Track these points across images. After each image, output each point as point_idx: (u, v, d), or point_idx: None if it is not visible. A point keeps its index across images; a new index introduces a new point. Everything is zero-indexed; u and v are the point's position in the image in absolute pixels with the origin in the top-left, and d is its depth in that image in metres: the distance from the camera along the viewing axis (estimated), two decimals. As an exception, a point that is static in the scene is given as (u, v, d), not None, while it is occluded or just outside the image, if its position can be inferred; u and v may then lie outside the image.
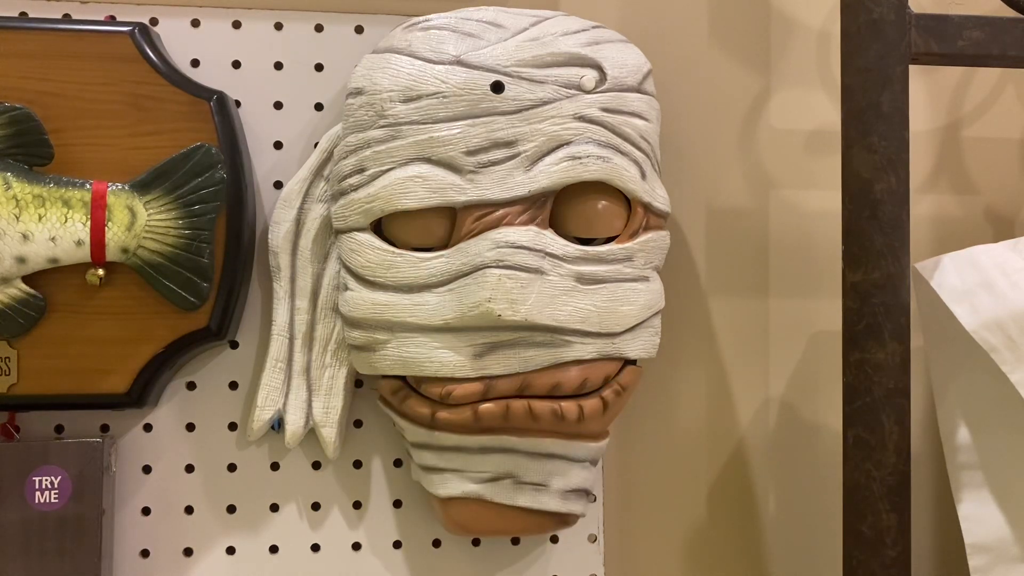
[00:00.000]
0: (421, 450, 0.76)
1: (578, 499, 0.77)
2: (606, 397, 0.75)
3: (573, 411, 0.74)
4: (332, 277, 0.78)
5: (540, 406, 0.73)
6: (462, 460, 0.75)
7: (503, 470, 0.75)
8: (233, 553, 0.80)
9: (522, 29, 0.75)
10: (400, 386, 0.75)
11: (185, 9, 0.81)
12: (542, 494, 0.76)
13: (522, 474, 0.75)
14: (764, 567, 0.87)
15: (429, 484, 0.77)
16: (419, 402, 0.74)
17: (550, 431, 0.74)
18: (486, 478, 0.75)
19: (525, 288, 0.71)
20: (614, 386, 0.76)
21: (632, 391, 0.77)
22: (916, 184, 0.87)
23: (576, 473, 0.76)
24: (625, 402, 0.77)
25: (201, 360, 0.80)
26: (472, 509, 0.76)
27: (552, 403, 0.73)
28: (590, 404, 0.74)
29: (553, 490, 0.76)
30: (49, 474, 0.74)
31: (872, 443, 0.69)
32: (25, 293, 0.73)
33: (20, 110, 0.73)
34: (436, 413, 0.73)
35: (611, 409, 0.76)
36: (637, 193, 0.75)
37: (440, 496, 0.76)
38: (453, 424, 0.73)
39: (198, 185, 0.74)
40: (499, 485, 0.75)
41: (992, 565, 0.73)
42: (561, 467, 0.76)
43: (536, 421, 0.73)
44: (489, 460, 0.75)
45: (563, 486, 0.76)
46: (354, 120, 0.75)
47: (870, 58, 0.70)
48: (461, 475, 0.75)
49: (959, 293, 0.72)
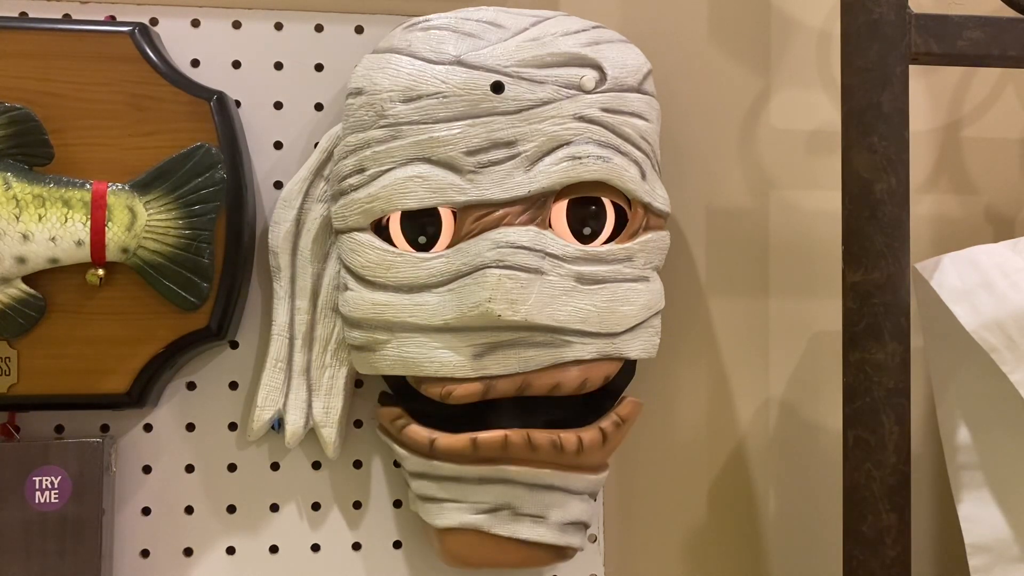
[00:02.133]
0: (419, 479, 0.76)
1: (576, 532, 0.77)
2: (605, 428, 0.75)
3: (572, 442, 0.73)
4: (332, 277, 0.78)
5: (539, 436, 0.72)
6: (460, 490, 0.74)
7: (501, 501, 0.74)
8: (233, 553, 0.80)
9: (522, 29, 0.75)
10: (399, 414, 0.75)
11: (185, 9, 0.81)
12: (540, 526, 0.75)
13: (520, 505, 0.74)
14: (764, 567, 0.87)
15: (427, 514, 0.76)
16: (417, 430, 0.74)
17: (549, 462, 0.74)
18: (484, 509, 0.74)
19: (525, 288, 0.71)
20: (613, 418, 0.75)
21: (631, 424, 0.77)
22: (916, 184, 0.87)
23: (575, 505, 0.76)
24: (625, 434, 0.77)
25: (201, 360, 0.80)
26: (469, 540, 0.75)
27: (551, 434, 0.73)
28: (589, 435, 0.74)
29: (551, 522, 0.75)
30: (49, 474, 0.74)
31: (872, 443, 0.69)
32: (25, 293, 0.73)
33: (20, 110, 0.73)
34: (435, 442, 0.73)
35: (610, 441, 0.75)
36: (637, 193, 0.75)
37: (437, 527, 0.75)
38: (452, 453, 0.73)
39: (198, 185, 0.74)
40: (497, 516, 0.74)
41: (992, 565, 0.73)
42: (559, 499, 0.75)
43: (535, 452, 0.73)
44: (487, 491, 0.74)
45: (561, 518, 0.75)
46: (354, 120, 0.75)
47: (870, 58, 0.70)
48: (459, 505, 0.74)
49: (959, 293, 0.72)
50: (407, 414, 0.75)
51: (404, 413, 0.75)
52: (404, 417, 0.75)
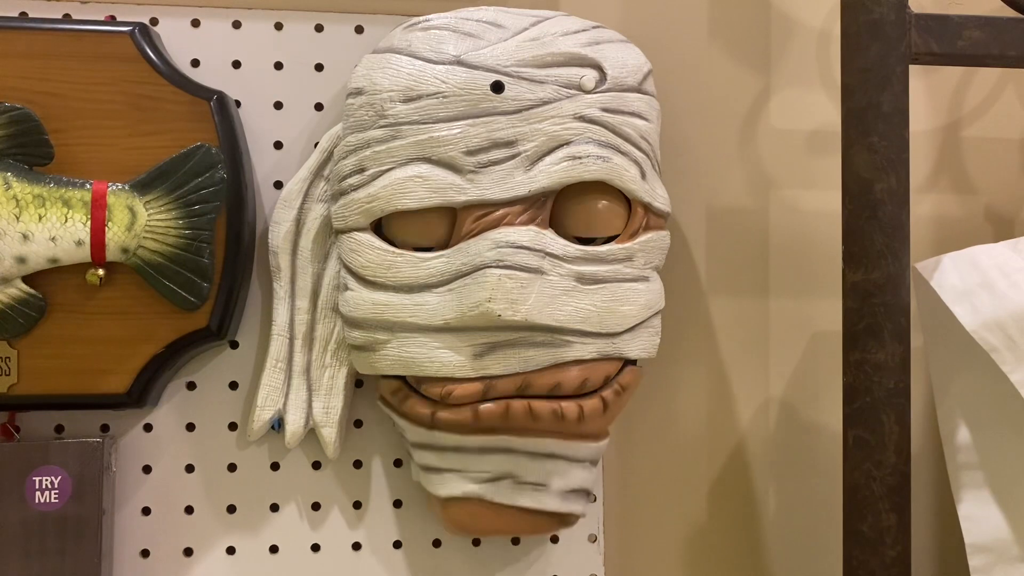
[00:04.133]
0: (421, 450, 0.76)
1: (578, 499, 0.77)
2: (606, 397, 0.75)
3: (573, 411, 0.74)
4: (332, 277, 0.78)
5: (540, 406, 0.73)
6: (462, 460, 0.75)
7: (503, 470, 0.75)
8: (233, 553, 0.80)
9: (522, 29, 0.75)
10: (400, 386, 0.75)
11: (185, 9, 0.81)
12: (542, 494, 0.76)
13: (522, 474, 0.75)
14: (764, 567, 0.87)
15: (429, 484, 0.77)
16: (419, 402, 0.74)
17: (550, 431, 0.74)
18: (486, 478, 0.75)
19: (525, 288, 0.71)
20: (614, 386, 0.76)
21: (632, 391, 0.77)
22: (916, 184, 0.87)
23: (576, 473, 0.76)
24: (625, 402, 0.77)
25: (201, 360, 0.80)
26: (472, 509, 0.75)
27: (552, 403, 0.73)
28: (590, 404, 0.74)
29: (553, 490, 0.76)
30: (49, 474, 0.74)
31: (872, 443, 0.69)
32: (25, 293, 0.73)
33: (20, 110, 0.73)
34: (436, 413, 0.73)
35: (611, 409, 0.76)
36: (637, 193, 0.75)
37: (440, 496, 0.76)
38: (453, 424, 0.73)
39: (198, 185, 0.74)
40: (499, 485, 0.75)
41: (992, 565, 0.73)
42: (561, 467, 0.76)
43: (536, 421, 0.73)
44: (489, 460, 0.75)
45: (563, 486, 0.76)
46: (354, 120, 0.75)
47: (870, 58, 0.70)
48: (461, 475, 0.75)
49: (959, 293, 0.72)
50: (407, 386, 0.75)
51: (404, 385, 0.75)
52: (405, 389, 0.75)
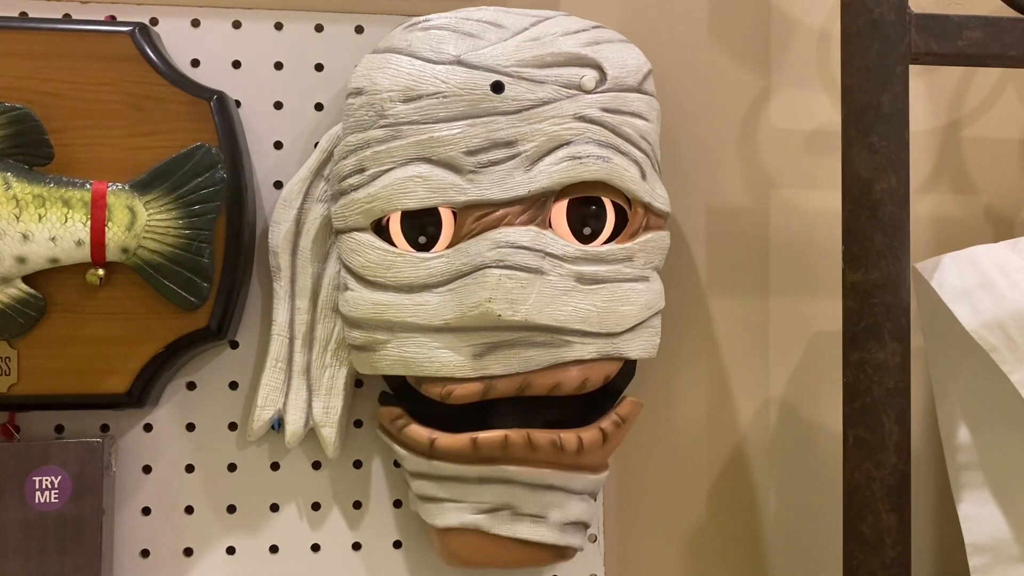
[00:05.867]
0: (419, 479, 0.76)
1: (576, 532, 0.77)
2: (605, 428, 0.75)
3: (572, 442, 0.73)
4: (332, 277, 0.78)
5: (539, 436, 0.72)
6: (460, 490, 0.74)
7: (501, 501, 0.74)
8: (233, 553, 0.80)
9: (522, 29, 0.75)
10: (399, 414, 0.75)
11: (185, 9, 0.81)
12: (540, 526, 0.75)
13: (520, 505, 0.74)
14: (764, 567, 0.87)
15: (427, 514, 0.76)
16: (417, 430, 0.74)
17: (549, 462, 0.74)
18: (484, 508, 0.74)
19: (525, 288, 0.71)
20: (613, 418, 0.75)
21: (632, 423, 0.77)
22: (916, 184, 0.87)
23: (575, 505, 0.76)
24: (624, 434, 0.77)
25: (201, 360, 0.80)
26: (469, 540, 0.75)
27: (551, 433, 0.73)
28: (589, 435, 0.74)
29: (551, 522, 0.75)
30: (49, 474, 0.74)
31: (872, 443, 0.69)
32: (25, 293, 0.73)
33: (20, 110, 0.73)
34: (435, 441, 0.73)
35: (611, 440, 0.75)
36: (637, 193, 0.75)
37: (437, 527, 0.75)
38: (452, 452, 0.73)
39: (198, 185, 0.74)
40: (497, 516, 0.74)
41: (992, 565, 0.73)
42: (559, 499, 0.75)
43: (535, 451, 0.73)
44: (487, 491, 0.74)
45: (561, 518, 0.75)
46: (354, 120, 0.75)
47: (870, 58, 0.70)
48: (459, 505, 0.74)
49: (959, 293, 0.72)
50: (407, 414, 0.75)
51: (404, 413, 0.75)
52: (404, 417, 0.75)
